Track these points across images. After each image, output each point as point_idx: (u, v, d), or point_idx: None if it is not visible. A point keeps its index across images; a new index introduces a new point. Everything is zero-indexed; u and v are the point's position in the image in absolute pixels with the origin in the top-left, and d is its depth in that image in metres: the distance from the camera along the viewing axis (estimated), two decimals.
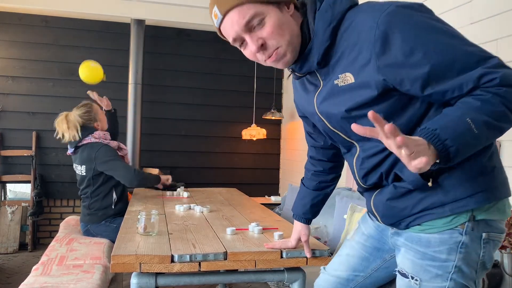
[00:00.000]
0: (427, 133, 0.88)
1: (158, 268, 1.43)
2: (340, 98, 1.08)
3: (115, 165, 2.65)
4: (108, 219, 2.69)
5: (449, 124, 0.89)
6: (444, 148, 0.86)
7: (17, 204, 4.30)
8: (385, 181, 1.12)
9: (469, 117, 0.89)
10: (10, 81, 4.36)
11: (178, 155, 4.85)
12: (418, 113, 1.03)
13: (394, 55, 0.96)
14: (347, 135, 1.15)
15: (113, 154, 2.70)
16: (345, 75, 1.05)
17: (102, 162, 2.65)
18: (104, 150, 2.68)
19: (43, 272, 2.04)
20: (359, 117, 1.06)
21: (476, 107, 0.91)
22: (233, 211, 2.32)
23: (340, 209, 2.69)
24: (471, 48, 0.96)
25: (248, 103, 4.95)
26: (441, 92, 0.96)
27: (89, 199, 2.72)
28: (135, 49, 4.38)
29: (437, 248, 1.04)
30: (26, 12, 4.36)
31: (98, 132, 2.79)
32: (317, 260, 1.54)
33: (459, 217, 1.02)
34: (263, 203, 3.08)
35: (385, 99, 1.02)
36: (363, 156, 1.14)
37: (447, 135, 0.87)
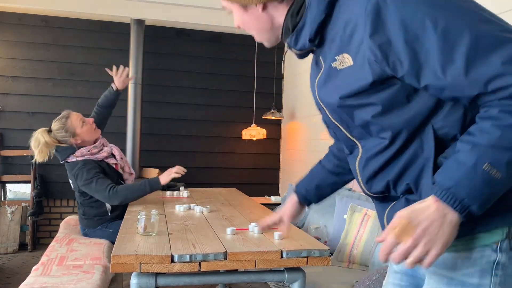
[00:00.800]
0: (441, 193, 0.77)
1: (158, 268, 1.43)
2: (337, 83, 0.93)
3: (90, 188, 2.48)
4: (104, 223, 2.66)
5: (465, 176, 0.76)
6: (463, 209, 0.76)
7: (17, 204, 4.29)
8: (393, 191, 0.95)
9: (488, 160, 0.75)
10: (10, 81, 4.36)
11: (178, 155, 4.84)
12: (427, 106, 0.85)
13: (386, 32, 0.80)
14: (348, 130, 0.99)
15: (89, 176, 2.48)
16: (342, 56, 0.89)
17: (81, 186, 2.53)
18: (81, 173, 2.51)
19: (43, 272, 2.04)
20: (357, 107, 0.91)
21: (495, 140, 0.75)
22: (233, 211, 2.32)
23: (340, 209, 2.69)
24: (485, 27, 0.76)
25: (248, 103, 4.95)
26: (438, 88, 0.81)
27: (83, 206, 2.67)
28: (135, 49, 4.38)
29: (466, 271, 0.85)
30: (26, 12, 4.35)
31: (81, 151, 2.60)
32: (317, 260, 1.54)
33: (492, 234, 0.85)
34: (263, 203, 3.08)
35: (384, 88, 0.86)
36: (366, 156, 0.97)
37: (463, 193, 0.75)
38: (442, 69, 0.78)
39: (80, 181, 2.50)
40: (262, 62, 4.98)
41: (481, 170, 0.75)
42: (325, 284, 2.05)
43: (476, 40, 0.75)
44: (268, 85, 5.01)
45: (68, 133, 2.58)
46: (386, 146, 0.91)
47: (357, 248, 2.37)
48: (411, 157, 0.89)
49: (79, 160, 2.57)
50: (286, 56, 5.10)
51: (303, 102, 4.49)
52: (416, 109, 0.86)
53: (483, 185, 0.75)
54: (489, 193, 0.76)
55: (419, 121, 0.86)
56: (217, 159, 4.95)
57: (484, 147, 0.76)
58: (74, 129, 2.59)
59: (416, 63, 0.80)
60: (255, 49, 4.93)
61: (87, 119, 2.69)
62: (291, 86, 4.90)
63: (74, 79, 4.51)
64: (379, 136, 0.91)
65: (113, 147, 2.78)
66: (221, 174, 4.97)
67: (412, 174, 0.89)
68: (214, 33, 4.89)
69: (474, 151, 0.77)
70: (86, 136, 2.63)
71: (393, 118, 0.88)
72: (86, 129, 2.63)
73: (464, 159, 0.77)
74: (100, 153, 2.66)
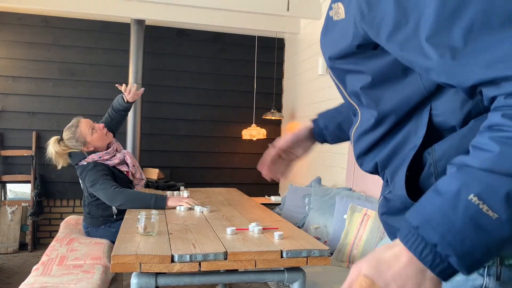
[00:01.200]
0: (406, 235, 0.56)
1: (158, 268, 1.43)
2: (331, 37, 0.79)
3: (95, 188, 2.46)
4: (108, 223, 2.67)
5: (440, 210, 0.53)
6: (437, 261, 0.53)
7: (17, 204, 4.29)
8: (380, 174, 0.83)
9: (477, 190, 0.52)
10: (10, 81, 4.36)
11: (178, 155, 4.85)
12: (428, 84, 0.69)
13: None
14: (346, 90, 0.83)
15: (96, 176, 2.46)
16: (338, 5, 0.75)
17: (89, 187, 2.52)
18: (89, 174, 2.49)
19: (43, 272, 2.04)
20: (348, 73, 0.78)
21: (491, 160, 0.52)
22: (233, 211, 2.32)
23: (340, 209, 2.69)
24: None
25: (248, 103, 4.95)
26: (423, 67, 0.63)
27: (90, 206, 2.67)
28: (135, 49, 4.38)
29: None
30: (26, 12, 4.35)
31: (92, 157, 2.58)
32: (317, 260, 1.54)
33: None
34: (263, 203, 3.08)
35: (375, 55, 0.71)
36: (359, 131, 0.83)
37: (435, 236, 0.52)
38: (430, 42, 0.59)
39: (88, 182, 2.49)
40: (262, 62, 4.98)
41: (465, 203, 0.52)
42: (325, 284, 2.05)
43: (484, 12, 0.55)
44: (268, 85, 5.01)
45: (79, 142, 2.56)
46: (373, 126, 0.77)
47: (357, 248, 2.37)
48: (402, 141, 0.74)
49: (89, 162, 2.57)
50: (286, 56, 5.10)
51: (303, 102, 4.49)
52: (414, 87, 0.70)
53: (467, 226, 0.51)
54: (479, 241, 0.51)
55: (416, 102, 0.71)
56: (217, 159, 4.95)
57: (475, 171, 0.53)
58: (84, 137, 2.57)
59: (401, 30, 0.62)
60: (255, 49, 4.94)
61: (97, 125, 2.65)
62: (291, 86, 4.90)
63: (74, 79, 4.51)
64: (369, 111, 0.78)
65: (126, 154, 2.74)
66: (221, 174, 4.98)
67: (396, 163, 0.75)
68: (214, 33, 4.89)
69: (460, 174, 0.55)
70: (98, 143, 2.61)
71: (386, 94, 0.73)
72: (97, 136, 2.60)
73: (444, 186, 0.55)
74: (112, 159, 2.63)
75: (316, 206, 3.00)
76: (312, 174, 4.14)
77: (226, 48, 4.95)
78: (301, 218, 3.21)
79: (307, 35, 4.43)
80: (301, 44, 4.59)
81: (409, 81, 0.70)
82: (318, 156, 4.08)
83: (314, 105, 4.15)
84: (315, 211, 2.98)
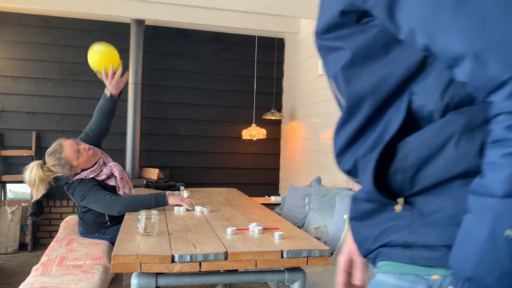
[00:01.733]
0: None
1: (158, 268, 1.43)
2: (321, 10, 0.73)
3: (88, 200, 2.36)
4: (102, 230, 2.62)
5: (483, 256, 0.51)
6: None
7: (17, 204, 4.29)
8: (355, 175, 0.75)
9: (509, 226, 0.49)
10: (10, 81, 4.36)
11: (178, 155, 4.85)
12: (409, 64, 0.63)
13: None
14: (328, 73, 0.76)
15: (85, 189, 2.36)
16: None
17: (80, 201, 2.42)
18: (77, 189, 2.39)
19: (43, 273, 2.04)
20: (330, 51, 0.72)
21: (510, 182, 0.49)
22: (233, 211, 2.32)
23: (340, 209, 2.69)
24: None
25: (248, 103, 4.95)
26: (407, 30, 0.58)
27: (82, 214, 2.59)
28: (135, 49, 4.38)
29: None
30: (26, 12, 4.35)
31: (77, 177, 2.43)
32: (317, 260, 1.54)
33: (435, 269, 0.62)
34: (263, 203, 3.08)
35: (359, 30, 0.66)
36: (339, 122, 0.74)
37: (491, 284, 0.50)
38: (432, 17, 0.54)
39: (77, 196, 2.39)
40: (262, 62, 4.98)
41: (504, 242, 0.49)
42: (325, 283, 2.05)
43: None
44: (268, 85, 5.01)
45: (65, 169, 2.39)
46: (349, 112, 0.71)
47: None
48: (383, 132, 0.67)
49: (74, 181, 2.44)
50: (286, 56, 5.10)
51: (303, 102, 4.49)
52: (395, 65, 0.64)
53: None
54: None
55: (395, 82, 0.64)
56: (217, 159, 4.95)
57: (499, 201, 0.49)
58: (70, 162, 2.38)
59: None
60: (255, 49, 4.94)
61: (82, 147, 2.43)
62: (291, 86, 4.90)
63: (74, 79, 4.51)
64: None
65: (113, 167, 2.55)
66: (221, 174, 4.97)
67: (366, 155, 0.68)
68: (214, 33, 4.89)
69: (486, 210, 0.51)
70: (85, 165, 2.44)
71: (364, 73, 0.67)
72: (83, 159, 2.41)
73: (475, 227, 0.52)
74: (99, 176, 2.48)
75: (316, 206, 3.00)
76: (312, 174, 4.14)
77: (226, 48, 4.95)
78: (301, 218, 3.21)
79: (307, 35, 4.43)
80: (301, 44, 4.59)
81: (390, 58, 0.64)
82: (318, 156, 4.08)
83: (314, 105, 4.15)
84: (315, 211, 2.98)
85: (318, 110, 4.06)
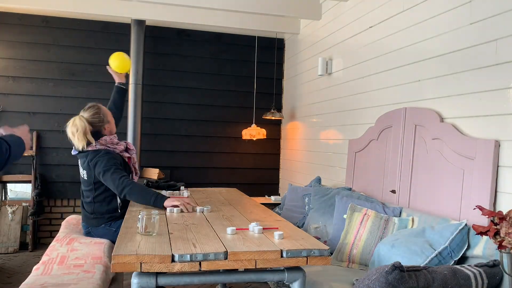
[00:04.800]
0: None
1: (158, 267, 1.43)
2: None
3: (106, 176, 2.48)
4: (108, 222, 2.65)
5: None
6: None
7: (18, 204, 4.30)
8: None
9: None
10: (10, 81, 4.36)
11: (178, 155, 4.85)
12: None
13: None
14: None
15: (109, 163, 2.50)
16: None
17: (98, 173, 2.53)
18: (101, 160, 2.52)
19: (43, 272, 2.05)
20: None
21: None
22: (233, 211, 2.32)
23: (340, 209, 2.69)
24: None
25: (248, 103, 4.96)
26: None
27: (92, 204, 2.64)
28: (135, 49, 4.39)
29: None
30: (26, 12, 4.36)
31: (105, 138, 2.62)
32: (317, 260, 1.55)
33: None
34: (263, 203, 3.08)
35: None
36: None
37: None
38: None
39: (99, 168, 2.50)
40: (262, 63, 4.99)
41: None
42: (325, 283, 2.06)
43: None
44: (268, 85, 5.01)
45: (102, 118, 2.65)
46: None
47: (356, 248, 2.38)
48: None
49: (101, 149, 2.59)
50: (286, 56, 5.10)
51: (303, 102, 4.49)
52: None
53: None
54: None
55: None
56: (217, 159, 4.96)
57: None
58: (106, 116, 2.68)
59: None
60: (255, 49, 4.94)
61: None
62: (291, 86, 4.90)
63: (75, 79, 4.52)
64: None
65: (127, 142, 2.82)
66: (221, 174, 4.98)
67: None
68: (214, 33, 4.90)
69: None
70: (112, 126, 2.74)
71: None
72: (112, 119, 2.74)
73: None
74: (119, 145, 2.69)
75: (316, 206, 3.00)
76: (312, 174, 4.14)
77: (226, 48, 4.95)
78: (301, 218, 3.22)
79: (307, 35, 4.43)
80: (301, 44, 4.60)
81: None
82: (318, 156, 4.08)
83: (314, 105, 4.16)
84: (315, 210, 2.98)
85: (318, 110, 4.07)
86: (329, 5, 3.88)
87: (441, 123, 2.37)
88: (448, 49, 2.37)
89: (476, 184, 2.09)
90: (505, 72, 1.98)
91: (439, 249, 1.94)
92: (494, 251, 1.82)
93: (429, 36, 2.53)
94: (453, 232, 1.97)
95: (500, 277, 1.73)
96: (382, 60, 3.01)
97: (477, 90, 2.15)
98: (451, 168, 2.26)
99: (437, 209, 2.35)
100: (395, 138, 2.78)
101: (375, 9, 3.12)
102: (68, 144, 4.46)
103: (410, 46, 2.71)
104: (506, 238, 1.54)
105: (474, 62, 2.18)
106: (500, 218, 1.56)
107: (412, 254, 1.95)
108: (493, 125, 2.05)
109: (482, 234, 1.60)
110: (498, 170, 2.01)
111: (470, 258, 1.97)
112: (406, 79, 2.74)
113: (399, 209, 2.51)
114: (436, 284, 1.51)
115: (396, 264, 1.43)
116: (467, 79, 2.23)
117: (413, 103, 2.66)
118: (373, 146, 3.03)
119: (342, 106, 3.59)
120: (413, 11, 2.69)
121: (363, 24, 3.29)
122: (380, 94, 3.04)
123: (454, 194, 2.23)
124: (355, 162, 3.25)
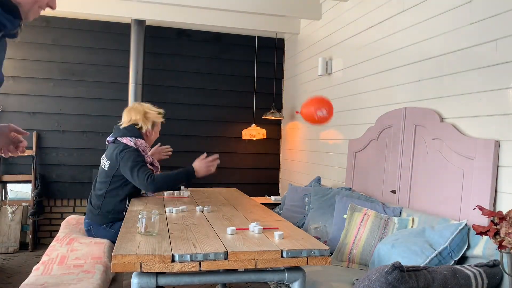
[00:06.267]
0: None
1: (158, 267, 1.43)
2: None
3: (133, 171, 2.53)
4: (110, 223, 2.65)
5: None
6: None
7: (18, 204, 4.30)
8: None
9: None
10: (10, 81, 4.36)
11: (178, 155, 4.84)
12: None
13: None
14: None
15: (138, 159, 2.58)
16: None
17: (124, 165, 2.57)
18: (130, 154, 2.58)
19: (43, 272, 2.05)
20: None
21: None
22: (234, 211, 2.32)
23: (340, 209, 2.69)
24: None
25: (248, 103, 4.96)
26: None
27: (102, 197, 2.64)
28: (135, 49, 4.39)
29: None
30: None
31: (142, 142, 2.73)
32: (317, 260, 1.55)
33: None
34: (263, 203, 3.08)
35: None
36: None
37: None
38: None
39: (127, 161, 2.57)
40: (262, 62, 4.99)
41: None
42: (325, 283, 2.06)
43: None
44: (268, 85, 5.01)
45: (155, 127, 2.91)
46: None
47: (356, 248, 2.38)
48: None
49: (132, 146, 2.66)
50: (286, 56, 5.10)
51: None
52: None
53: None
54: None
55: None
56: None
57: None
58: (157, 125, 2.94)
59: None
60: (255, 49, 4.94)
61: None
62: (291, 86, 4.90)
63: (75, 79, 4.52)
64: None
65: (154, 159, 2.92)
66: (221, 174, 4.97)
67: None
68: (214, 33, 4.90)
69: None
70: (152, 141, 2.92)
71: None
72: (157, 135, 2.97)
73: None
74: (147, 156, 2.78)
75: (316, 206, 3.00)
76: (312, 174, 4.14)
77: (226, 48, 4.95)
78: (301, 218, 3.22)
79: (307, 35, 4.43)
80: (301, 44, 4.60)
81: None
82: (318, 156, 4.08)
83: None
84: (315, 210, 2.98)
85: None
86: (329, 5, 3.88)
87: (441, 123, 2.37)
88: (448, 49, 2.37)
89: (476, 184, 2.09)
90: (505, 72, 1.99)
91: (439, 249, 1.94)
92: (494, 251, 1.82)
93: (429, 36, 2.53)
94: (453, 232, 1.98)
95: (500, 277, 1.73)
96: (382, 60, 3.02)
97: (477, 90, 2.15)
98: (451, 168, 2.26)
99: (437, 209, 2.35)
100: (395, 138, 2.78)
101: (375, 9, 3.12)
102: (68, 144, 4.48)
103: (410, 46, 2.71)
104: (506, 238, 1.54)
105: (474, 62, 2.18)
106: (500, 218, 1.56)
107: (412, 254, 1.95)
108: (493, 125, 2.05)
109: (482, 234, 1.60)
110: (498, 170, 2.01)
111: (470, 258, 1.97)
112: (406, 79, 2.74)
113: (399, 209, 2.51)
114: (436, 284, 1.51)
115: (396, 264, 1.43)
116: (467, 79, 2.23)
117: (413, 103, 2.66)
118: (373, 146, 3.03)
119: (342, 106, 3.59)
120: (413, 11, 2.69)
121: (363, 24, 3.29)
122: (380, 94, 3.04)
123: (454, 194, 2.23)
124: (355, 162, 3.25)
